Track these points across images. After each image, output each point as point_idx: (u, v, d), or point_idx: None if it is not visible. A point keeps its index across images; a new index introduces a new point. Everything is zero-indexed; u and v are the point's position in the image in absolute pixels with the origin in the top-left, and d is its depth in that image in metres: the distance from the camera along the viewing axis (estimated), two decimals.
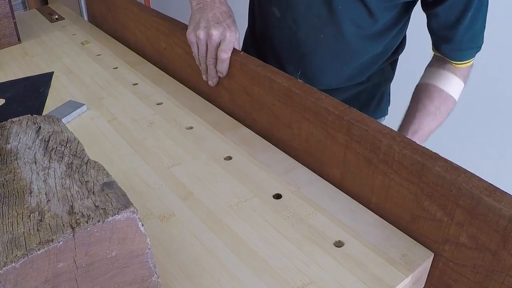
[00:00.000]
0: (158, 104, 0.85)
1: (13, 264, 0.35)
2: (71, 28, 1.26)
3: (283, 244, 0.54)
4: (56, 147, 0.49)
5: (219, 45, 0.73)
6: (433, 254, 0.52)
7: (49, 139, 0.51)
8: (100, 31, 1.23)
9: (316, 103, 0.61)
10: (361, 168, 0.58)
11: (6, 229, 0.38)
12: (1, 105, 0.89)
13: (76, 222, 0.38)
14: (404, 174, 0.52)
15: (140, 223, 0.40)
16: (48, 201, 0.41)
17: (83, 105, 0.84)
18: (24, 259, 0.35)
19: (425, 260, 0.51)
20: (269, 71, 0.69)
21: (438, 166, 0.48)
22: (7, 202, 0.41)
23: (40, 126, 0.53)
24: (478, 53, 0.87)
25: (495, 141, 1.57)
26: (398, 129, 0.89)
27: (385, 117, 1.06)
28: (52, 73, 1.00)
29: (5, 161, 0.47)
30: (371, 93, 1.00)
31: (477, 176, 0.47)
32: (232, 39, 0.73)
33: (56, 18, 1.34)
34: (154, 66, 1.00)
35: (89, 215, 0.38)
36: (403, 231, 0.55)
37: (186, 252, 0.53)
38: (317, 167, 0.65)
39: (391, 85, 1.05)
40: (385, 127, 0.55)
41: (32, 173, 0.45)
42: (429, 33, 0.88)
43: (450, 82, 0.87)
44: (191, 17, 0.77)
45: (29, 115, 0.56)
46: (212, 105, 0.83)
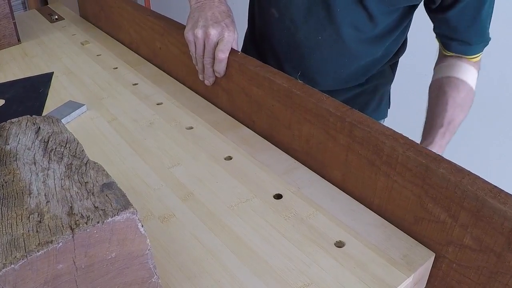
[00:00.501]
0: (158, 104, 0.84)
1: (12, 266, 0.35)
2: (71, 29, 1.26)
3: (284, 244, 0.54)
4: (56, 147, 0.49)
5: (217, 44, 0.73)
6: (435, 254, 0.51)
7: (48, 140, 0.51)
8: (100, 31, 1.23)
9: (317, 104, 0.60)
10: (363, 170, 0.57)
11: (5, 230, 0.38)
12: (1, 105, 0.88)
13: (76, 223, 0.38)
14: (407, 176, 0.51)
15: (140, 224, 0.40)
16: (48, 202, 0.40)
17: (83, 105, 0.84)
18: (23, 261, 0.35)
19: (426, 260, 0.51)
20: (268, 72, 0.68)
21: (442, 168, 0.48)
22: (6, 203, 0.41)
23: (39, 127, 0.53)
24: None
25: (499, 142, 1.56)
26: (427, 124, 0.86)
27: (385, 119, 1.06)
28: (52, 73, 1.00)
29: (4, 162, 0.47)
30: (370, 95, 0.99)
31: (481, 178, 0.46)
32: (230, 39, 0.73)
33: (56, 19, 1.34)
34: (154, 66, 0.99)
35: (89, 216, 0.38)
36: (406, 232, 0.55)
37: (186, 253, 0.53)
38: (318, 169, 0.65)
39: (391, 87, 1.04)
40: (388, 128, 0.54)
41: (32, 174, 0.45)
42: (437, 35, 0.88)
43: (470, 74, 0.86)
44: (189, 15, 0.77)
45: (28, 115, 0.55)
46: (212, 105, 0.83)
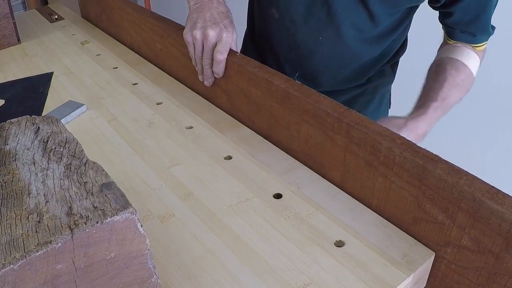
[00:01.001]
0: (158, 104, 0.84)
1: (11, 266, 0.35)
2: (70, 28, 1.26)
3: (284, 244, 0.54)
4: (55, 148, 0.49)
5: (215, 45, 0.73)
6: (434, 253, 0.51)
7: (48, 140, 0.51)
8: (99, 31, 1.23)
9: (314, 105, 0.60)
10: (361, 170, 0.57)
11: (5, 230, 0.38)
12: (0, 105, 0.88)
13: (75, 223, 0.37)
14: (405, 177, 0.51)
15: (139, 224, 0.40)
16: (47, 202, 0.40)
17: (82, 105, 0.84)
18: (22, 261, 0.35)
19: (426, 260, 0.51)
20: (266, 73, 0.68)
21: (439, 169, 0.48)
22: (5, 204, 0.41)
23: (39, 127, 0.53)
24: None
25: (496, 142, 1.56)
26: (421, 97, 0.85)
27: None
28: (51, 73, 1.00)
29: (3, 162, 0.47)
30: (370, 95, 0.99)
31: (478, 179, 0.46)
32: (228, 40, 0.73)
33: (56, 18, 1.34)
34: (154, 66, 0.99)
35: (88, 216, 0.38)
36: (408, 235, 0.54)
37: (186, 253, 0.53)
38: (317, 170, 0.64)
39: (391, 87, 1.04)
40: (385, 129, 0.54)
41: (31, 174, 0.44)
42: (443, 25, 0.88)
43: (472, 60, 0.86)
44: (188, 16, 0.77)
45: (28, 115, 0.55)
46: (212, 104, 0.83)
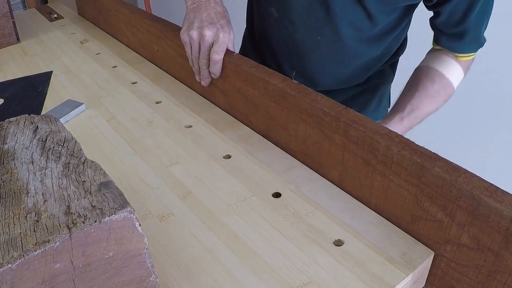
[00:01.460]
0: (157, 103, 0.84)
1: (9, 265, 0.35)
2: (70, 27, 1.26)
3: (283, 243, 0.53)
4: (53, 147, 0.49)
5: (212, 46, 0.73)
6: (434, 252, 0.51)
7: (46, 139, 0.50)
8: (99, 30, 1.22)
9: (311, 104, 0.60)
10: (359, 169, 0.57)
11: (3, 229, 0.38)
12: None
13: (73, 223, 0.37)
14: (403, 175, 0.51)
15: (137, 223, 0.40)
16: (45, 201, 0.40)
17: (81, 104, 0.84)
18: (20, 260, 0.35)
19: (425, 259, 0.51)
20: (263, 72, 0.68)
21: (437, 166, 0.48)
22: (3, 203, 0.41)
23: (37, 126, 0.53)
24: (480, 49, 0.86)
25: (495, 139, 1.56)
26: (392, 107, 0.87)
27: None
28: (50, 72, 0.99)
29: (2, 161, 0.47)
30: (370, 95, 0.99)
31: (477, 176, 0.46)
32: (225, 40, 0.72)
33: (55, 17, 1.34)
34: (153, 65, 0.99)
35: (86, 215, 0.38)
36: (404, 232, 0.54)
37: (185, 252, 0.53)
38: (316, 169, 0.64)
39: (391, 86, 1.04)
40: (382, 127, 0.54)
41: (29, 173, 0.44)
42: (431, 26, 0.87)
43: (452, 69, 0.86)
44: (185, 16, 0.77)
45: (26, 114, 0.55)
46: (211, 103, 0.83)
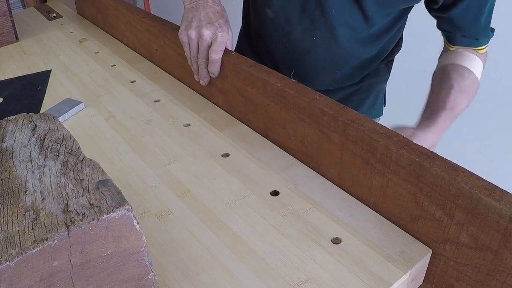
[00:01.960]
0: (155, 102, 0.84)
1: (7, 263, 0.35)
2: (69, 26, 1.26)
3: (281, 241, 0.54)
4: (52, 145, 0.49)
5: (210, 45, 0.73)
6: (431, 250, 0.51)
7: (44, 137, 0.51)
8: (98, 29, 1.22)
9: (310, 103, 0.60)
10: (358, 168, 0.57)
11: (1, 228, 0.38)
12: None
13: (71, 221, 0.37)
14: (402, 175, 0.51)
15: (135, 221, 0.40)
16: (43, 199, 0.40)
17: (80, 103, 0.84)
18: (18, 258, 0.35)
19: (423, 256, 0.51)
20: (262, 72, 0.68)
21: (436, 166, 0.48)
22: (2, 201, 0.41)
23: (36, 124, 0.53)
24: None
25: (493, 138, 1.56)
26: (428, 106, 0.83)
27: (380, 117, 1.05)
28: (49, 71, 0.99)
29: (0, 159, 0.47)
30: (365, 93, 0.98)
31: (476, 175, 0.46)
32: (223, 39, 0.72)
33: (54, 16, 1.34)
34: (152, 64, 0.99)
35: (84, 213, 0.38)
36: (403, 230, 0.54)
37: (183, 250, 0.53)
38: (314, 168, 0.64)
39: (386, 85, 1.03)
40: (381, 126, 0.54)
41: (28, 172, 0.45)
42: (442, 31, 0.87)
43: (476, 64, 0.85)
44: (183, 16, 0.76)
45: (25, 113, 0.55)
46: (210, 102, 0.83)
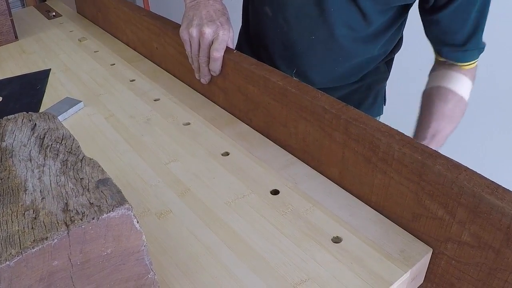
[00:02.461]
0: (155, 100, 0.84)
1: (7, 263, 0.35)
2: (68, 25, 1.26)
3: (281, 240, 0.53)
4: (51, 144, 0.49)
5: (212, 43, 0.73)
6: (432, 249, 0.51)
7: (44, 136, 0.50)
8: (97, 28, 1.22)
9: (312, 101, 0.60)
10: (360, 167, 0.57)
11: (1, 227, 0.38)
12: None
13: (71, 220, 0.37)
14: (404, 173, 0.51)
15: (135, 220, 0.40)
16: (43, 198, 0.40)
17: (80, 102, 0.83)
18: (18, 258, 0.35)
19: (423, 255, 0.51)
20: (263, 70, 0.68)
21: (438, 164, 0.47)
22: (1, 200, 0.41)
23: (35, 123, 0.53)
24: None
25: (496, 136, 1.56)
26: (414, 135, 0.86)
27: (381, 116, 1.05)
28: (49, 70, 0.99)
29: (0, 159, 0.47)
30: (365, 92, 0.98)
31: (478, 174, 0.46)
32: (225, 37, 0.72)
33: (54, 15, 1.34)
34: (151, 62, 0.99)
35: (84, 212, 0.38)
36: (405, 229, 0.54)
37: (183, 249, 0.53)
38: (315, 166, 0.64)
39: (386, 84, 1.03)
40: (383, 125, 0.54)
41: (27, 171, 0.44)
42: (429, 39, 0.86)
43: (461, 84, 0.85)
44: (184, 14, 0.76)
45: (24, 112, 0.55)
46: (209, 100, 0.83)
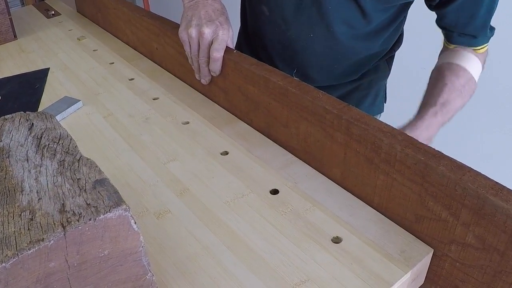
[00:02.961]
0: (154, 99, 0.84)
1: (3, 264, 0.34)
2: (67, 24, 1.26)
3: (280, 240, 0.53)
4: (49, 144, 0.49)
5: (211, 43, 0.72)
6: (433, 250, 0.51)
7: (41, 136, 0.50)
8: (96, 26, 1.22)
9: (313, 102, 0.59)
10: (362, 168, 0.56)
11: None
12: None
13: (67, 221, 0.37)
14: (407, 174, 0.50)
15: (133, 220, 0.40)
16: (40, 199, 0.40)
17: (78, 101, 0.83)
18: (14, 259, 0.35)
19: (424, 256, 0.50)
20: (263, 70, 0.67)
21: (442, 165, 0.47)
22: None
23: (32, 123, 0.52)
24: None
25: (500, 137, 1.55)
26: (421, 105, 0.83)
27: (381, 114, 1.04)
28: (47, 69, 0.99)
29: None
30: (365, 90, 0.97)
31: (482, 175, 0.45)
32: (224, 37, 0.72)
33: (53, 14, 1.33)
34: (150, 61, 0.99)
35: (80, 213, 0.38)
36: (408, 231, 0.54)
37: (181, 249, 0.53)
38: (317, 168, 0.64)
39: (387, 81, 1.02)
40: (386, 125, 0.53)
41: (24, 171, 0.44)
42: (440, 28, 0.86)
43: (473, 64, 0.83)
44: (183, 14, 0.76)
45: (22, 112, 0.55)
46: (209, 99, 0.83)
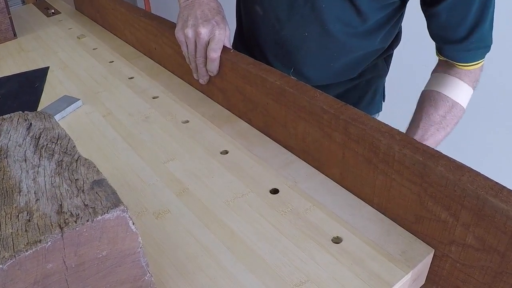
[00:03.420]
0: (154, 98, 0.83)
1: (0, 266, 0.34)
2: (67, 22, 1.25)
3: (280, 240, 0.53)
4: (47, 144, 0.48)
5: (208, 43, 0.71)
6: (434, 250, 0.50)
7: (40, 136, 0.50)
8: (96, 25, 1.21)
9: (310, 101, 0.59)
10: (360, 168, 0.56)
11: None
12: None
13: (65, 222, 0.37)
14: (405, 174, 0.50)
15: (131, 221, 0.39)
16: (37, 200, 0.40)
17: (78, 100, 0.83)
18: (11, 261, 0.35)
19: (425, 256, 0.50)
20: (260, 70, 0.67)
21: (441, 165, 0.46)
22: None
23: (31, 123, 0.52)
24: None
25: (500, 136, 1.54)
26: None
27: (379, 113, 1.03)
28: (47, 68, 0.99)
29: None
30: (363, 89, 0.97)
31: (482, 175, 0.45)
32: (221, 37, 0.71)
33: (53, 13, 1.33)
34: (150, 60, 0.98)
35: (78, 214, 0.37)
36: (408, 231, 0.53)
37: (181, 249, 0.52)
38: (316, 167, 0.63)
39: (386, 80, 1.02)
40: (384, 125, 0.53)
41: (22, 172, 0.44)
42: (431, 35, 0.82)
43: (456, 89, 0.81)
44: (179, 14, 0.75)
45: (20, 111, 0.55)
46: (209, 98, 0.82)
